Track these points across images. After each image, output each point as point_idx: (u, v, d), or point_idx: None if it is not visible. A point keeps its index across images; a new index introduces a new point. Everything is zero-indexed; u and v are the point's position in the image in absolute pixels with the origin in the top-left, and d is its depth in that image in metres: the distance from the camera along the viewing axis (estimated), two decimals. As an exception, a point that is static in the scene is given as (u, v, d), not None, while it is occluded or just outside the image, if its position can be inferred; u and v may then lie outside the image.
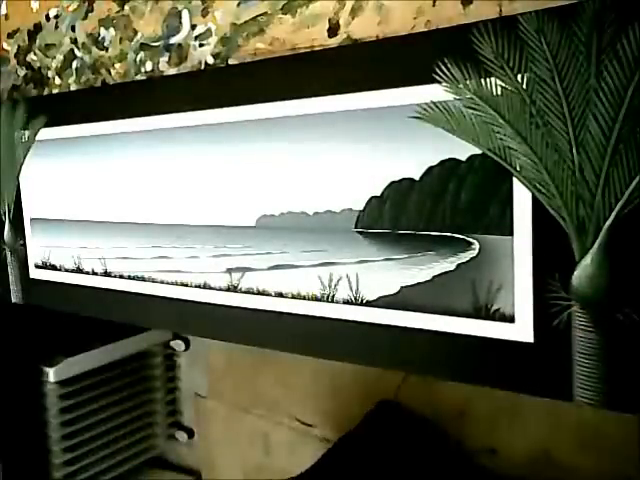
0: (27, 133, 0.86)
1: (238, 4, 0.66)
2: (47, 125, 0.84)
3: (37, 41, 0.90)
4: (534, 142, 0.47)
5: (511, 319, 0.51)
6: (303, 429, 1.63)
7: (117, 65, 0.80)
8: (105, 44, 0.81)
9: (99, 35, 0.81)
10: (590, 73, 0.44)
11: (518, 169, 0.48)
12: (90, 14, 0.82)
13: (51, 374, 1.33)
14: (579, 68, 0.45)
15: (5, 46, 0.94)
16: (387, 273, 0.57)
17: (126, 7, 0.77)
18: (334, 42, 0.60)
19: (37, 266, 0.91)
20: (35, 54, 0.90)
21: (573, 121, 0.46)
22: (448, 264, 0.54)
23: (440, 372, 0.57)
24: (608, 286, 0.46)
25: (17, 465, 1.33)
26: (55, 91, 0.89)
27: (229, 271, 0.69)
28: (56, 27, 0.86)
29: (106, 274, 0.81)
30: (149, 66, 0.77)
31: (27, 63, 0.92)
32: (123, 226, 0.79)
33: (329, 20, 0.60)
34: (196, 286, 0.72)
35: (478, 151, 0.50)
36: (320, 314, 0.62)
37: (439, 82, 0.50)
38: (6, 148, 0.89)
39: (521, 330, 0.50)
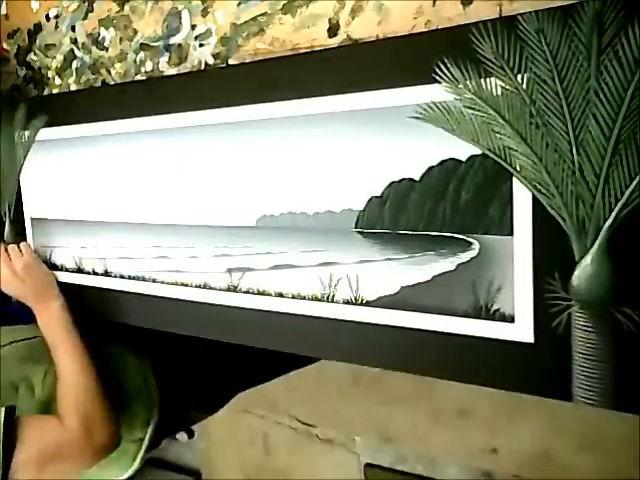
0: (27, 133, 0.86)
1: (238, 4, 0.66)
2: (47, 125, 0.84)
3: (37, 41, 0.90)
4: (534, 142, 0.47)
5: (511, 319, 0.51)
6: (303, 429, 1.63)
7: (117, 65, 0.80)
8: (105, 44, 0.81)
9: (99, 35, 0.81)
10: (590, 73, 0.44)
11: (518, 169, 0.48)
12: (90, 14, 0.82)
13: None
14: (579, 68, 0.45)
15: (5, 46, 0.94)
16: (387, 273, 0.57)
17: (126, 7, 0.77)
18: (334, 42, 0.60)
19: (37, 266, 0.91)
20: (35, 54, 0.90)
21: (573, 121, 0.46)
22: (448, 264, 0.54)
23: (440, 372, 0.57)
24: (608, 286, 0.46)
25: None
26: (55, 91, 0.89)
27: (229, 271, 0.69)
28: (56, 27, 0.86)
29: (106, 274, 0.81)
30: (149, 66, 0.77)
31: (27, 63, 0.92)
32: (123, 226, 0.79)
33: (329, 20, 0.60)
34: (196, 286, 0.72)
35: (478, 151, 0.50)
36: (320, 314, 0.62)
37: (439, 82, 0.50)
38: (6, 148, 0.89)
39: (521, 330, 0.50)
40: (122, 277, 0.80)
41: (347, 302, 0.60)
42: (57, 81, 0.88)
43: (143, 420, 0.83)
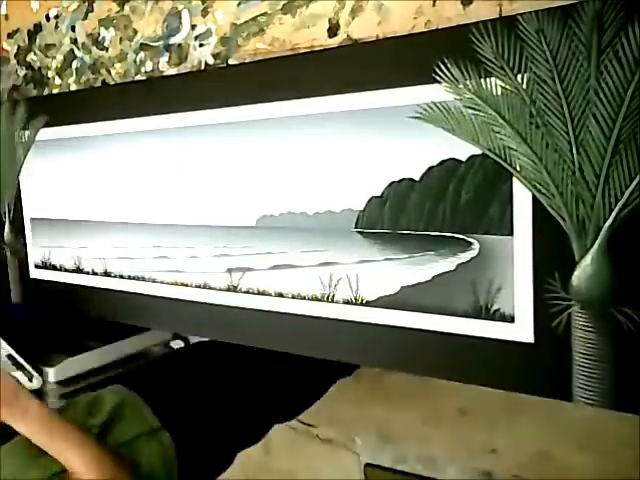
0: (27, 133, 0.86)
1: (238, 4, 0.66)
2: (47, 125, 0.84)
3: (37, 41, 0.90)
4: (534, 142, 0.47)
5: (511, 319, 0.51)
6: (303, 429, 1.63)
7: (117, 65, 0.80)
8: (105, 44, 0.81)
9: (99, 35, 0.81)
10: (590, 73, 0.44)
11: (518, 169, 0.48)
12: (90, 14, 0.82)
13: (51, 374, 1.33)
14: (579, 68, 0.45)
15: (5, 46, 0.94)
16: (387, 273, 0.57)
17: (126, 7, 0.77)
18: (334, 42, 0.60)
19: (37, 266, 0.91)
20: (35, 54, 0.90)
21: (573, 121, 0.46)
22: (448, 264, 0.54)
23: (440, 372, 0.57)
24: (608, 286, 0.46)
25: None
26: (55, 91, 0.89)
27: (229, 271, 0.69)
28: (56, 27, 0.86)
29: (106, 274, 0.81)
30: (149, 66, 0.77)
31: (27, 63, 0.92)
32: (123, 226, 0.79)
33: (329, 20, 0.60)
34: (196, 286, 0.72)
35: (478, 151, 0.50)
36: (320, 314, 0.62)
37: (439, 82, 0.50)
38: (6, 148, 0.89)
39: (521, 330, 0.50)
40: (122, 277, 0.80)
41: (347, 302, 0.60)
42: (57, 81, 0.88)
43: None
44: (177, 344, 1.73)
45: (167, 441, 0.77)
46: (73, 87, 0.86)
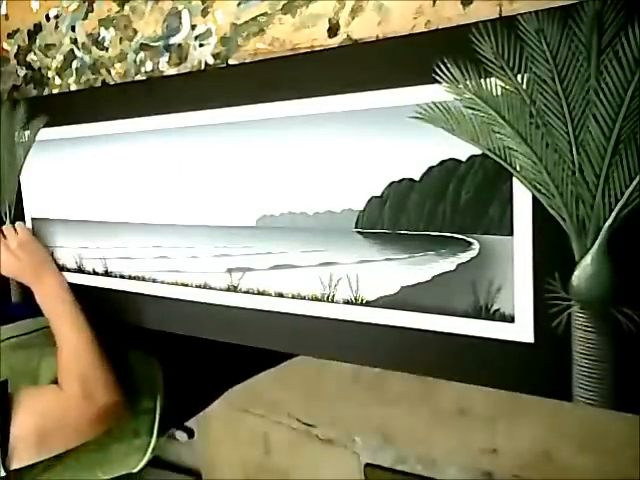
0: (27, 133, 0.86)
1: (238, 4, 0.66)
2: (47, 125, 0.84)
3: (37, 41, 0.90)
4: (534, 142, 0.47)
5: (511, 319, 0.51)
6: (303, 429, 1.63)
7: (117, 65, 0.80)
8: (105, 44, 0.81)
9: (99, 35, 0.81)
10: (590, 73, 0.44)
11: (518, 169, 0.48)
12: (90, 14, 0.82)
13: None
14: (579, 68, 0.45)
15: (5, 46, 0.94)
16: (387, 273, 0.57)
17: (126, 7, 0.77)
18: (334, 42, 0.60)
19: (37, 266, 0.91)
20: (35, 54, 0.90)
21: (573, 121, 0.46)
22: (448, 264, 0.54)
23: (440, 372, 0.57)
24: (608, 286, 0.46)
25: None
26: (55, 91, 0.89)
27: (229, 271, 0.69)
28: (56, 27, 0.86)
29: (107, 274, 0.81)
30: (149, 66, 0.77)
31: (27, 63, 0.92)
32: (124, 226, 0.79)
33: (329, 20, 0.60)
34: (196, 286, 0.72)
35: (478, 151, 0.50)
36: (320, 314, 0.62)
37: (439, 82, 0.50)
38: (6, 148, 0.89)
39: (521, 330, 0.50)
40: (122, 277, 0.80)
41: (347, 302, 0.60)
42: (57, 81, 0.88)
43: (150, 394, 0.83)
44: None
45: (155, 363, 0.85)
46: (73, 87, 0.86)
